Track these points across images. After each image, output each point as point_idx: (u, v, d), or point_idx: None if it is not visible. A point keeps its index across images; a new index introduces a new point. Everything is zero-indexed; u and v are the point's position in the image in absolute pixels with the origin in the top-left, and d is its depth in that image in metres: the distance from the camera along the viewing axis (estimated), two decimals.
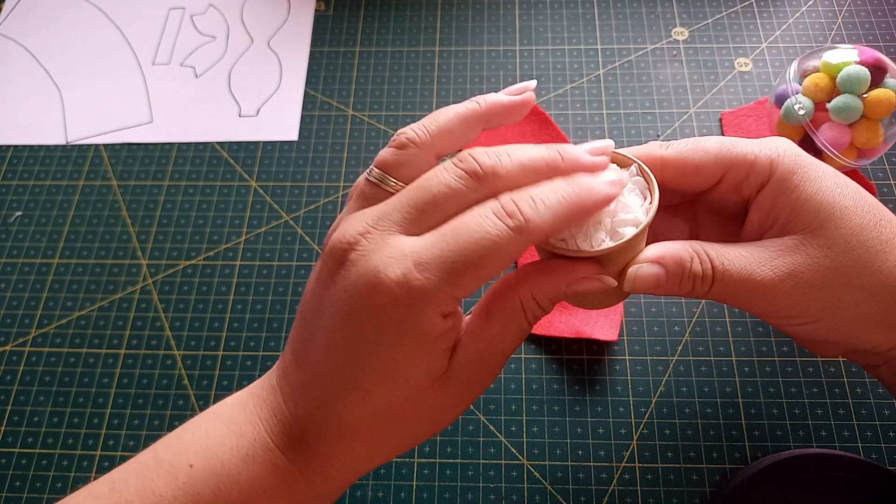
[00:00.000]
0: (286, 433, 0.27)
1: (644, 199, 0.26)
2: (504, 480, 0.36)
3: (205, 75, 0.51)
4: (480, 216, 0.23)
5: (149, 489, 0.26)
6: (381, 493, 0.36)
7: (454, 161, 0.25)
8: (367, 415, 0.25)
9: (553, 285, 0.25)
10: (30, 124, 0.49)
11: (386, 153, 0.27)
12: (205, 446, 0.27)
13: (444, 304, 0.23)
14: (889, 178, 0.44)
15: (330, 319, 0.25)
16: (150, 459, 0.27)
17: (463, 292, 0.24)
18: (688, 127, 0.46)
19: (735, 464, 0.36)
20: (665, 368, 0.39)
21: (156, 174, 0.47)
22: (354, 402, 0.25)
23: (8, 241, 0.45)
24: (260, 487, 0.26)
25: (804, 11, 0.51)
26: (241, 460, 0.26)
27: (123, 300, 0.43)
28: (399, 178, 0.26)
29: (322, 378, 0.26)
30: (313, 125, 0.48)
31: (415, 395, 0.25)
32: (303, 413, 0.26)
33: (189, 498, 0.26)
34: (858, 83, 0.38)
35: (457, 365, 0.26)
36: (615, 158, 0.28)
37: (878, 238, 0.26)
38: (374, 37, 0.51)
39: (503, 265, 0.24)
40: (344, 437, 0.26)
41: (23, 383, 0.40)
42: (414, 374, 0.25)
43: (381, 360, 0.24)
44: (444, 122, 0.28)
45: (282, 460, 0.26)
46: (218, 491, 0.26)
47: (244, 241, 0.44)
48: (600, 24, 0.51)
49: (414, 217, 0.24)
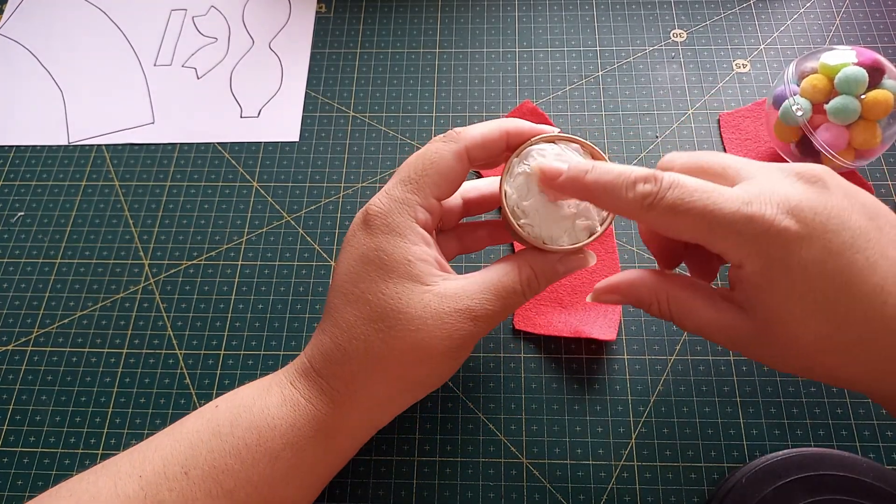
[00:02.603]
0: (298, 371, 0.31)
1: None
2: (503, 479, 0.37)
3: (206, 76, 0.51)
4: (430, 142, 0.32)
5: (177, 430, 0.30)
6: (382, 491, 0.36)
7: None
8: (363, 325, 0.30)
9: (543, 257, 0.32)
10: (32, 125, 0.50)
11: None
12: (232, 394, 0.32)
13: (411, 210, 0.30)
14: (887, 178, 0.44)
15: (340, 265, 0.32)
16: (187, 415, 0.32)
17: (422, 197, 0.31)
18: (686, 128, 0.47)
19: (733, 462, 0.37)
20: (663, 367, 0.39)
21: (158, 174, 0.47)
22: (356, 326, 0.30)
23: (10, 242, 0.45)
24: (270, 415, 0.30)
25: (802, 13, 0.51)
26: (257, 395, 0.31)
27: (125, 300, 0.43)
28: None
29: (331, 314, 0.31)
30: (314, 126, 0.49)
31: (413, 304, 0.30)
32: (316, 352, 0.31)
33: (210, 429, 0.30)
34: (856, 84, 0.38)
35: (450, 292, 0.30)
36: (595, 155, 0.32)
37: (830, 340, 0.27)
38: (374, 38, 0.52)
39: (442, 174, 0.31)
40: (346, 362, 0.30)
41: (25, 382, 0.40)
42: (402, 284, 0.30)
43: (380, 276, 0.30)
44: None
45: (292, 392, 0.31)
46: (234, 420, 0.30)
47: (246, 241, 0.44)
48: (599, 25, 0.51)
49: (403, 176, 0.32)
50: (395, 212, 0.30)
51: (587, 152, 0.32)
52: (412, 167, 0.31)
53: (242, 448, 0.29)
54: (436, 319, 0.29)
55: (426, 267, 0.30)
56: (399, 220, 0.30)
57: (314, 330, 0.33)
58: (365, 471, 0.37)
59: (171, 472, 0.28)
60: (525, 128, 0.32)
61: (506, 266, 0.32)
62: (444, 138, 0.32)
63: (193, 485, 0.28)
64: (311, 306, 0.42)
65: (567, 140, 0.32)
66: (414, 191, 0.31)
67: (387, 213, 0.30)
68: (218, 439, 0.29)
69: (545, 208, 0.31)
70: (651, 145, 0.46)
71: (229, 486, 0.28)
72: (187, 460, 0.28)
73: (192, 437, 0.29)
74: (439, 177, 0.31)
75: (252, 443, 0.29)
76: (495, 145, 0.32)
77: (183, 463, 0.28)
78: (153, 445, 0.29)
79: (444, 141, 0.31)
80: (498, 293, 0.30)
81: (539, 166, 0.31)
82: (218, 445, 0.29)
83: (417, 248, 0.30)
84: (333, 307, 0.31)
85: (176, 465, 0.28)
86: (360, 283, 0.30)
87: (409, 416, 0.38)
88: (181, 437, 0.29)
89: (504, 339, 0.40)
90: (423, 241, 0.31)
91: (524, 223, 0.32)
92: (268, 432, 0.29)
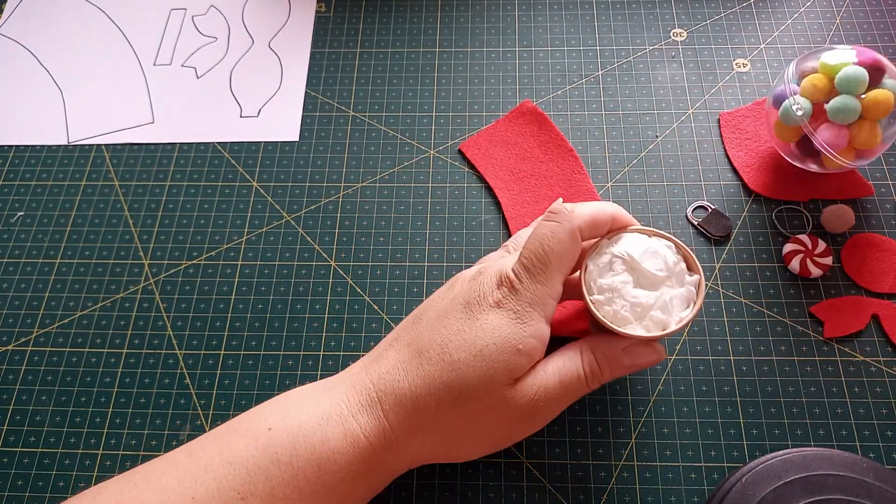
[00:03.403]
0: (363, 403, 0.30)
1: (686, 306, 0.32)
2: (503, 479, 0.37)
3: (206, 76, 0.51)
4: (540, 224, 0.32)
5: (227, 452, 0.29)
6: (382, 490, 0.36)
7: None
8: (445, 390, 0.30)
9: (608, 343, 0.32)
10: (31, 125, 0.50)
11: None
12: (284, 414, 0.30)
13: (542, 304, 0.31)
14: (887, 178, 0.44)
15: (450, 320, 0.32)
16: (226, 430, 0.30)
17: (551, 286, 0.31)
18: (686, 128, 0.47)
19: (733, 462, 0.37)
20: (663, 367, 0.39)
21: (157, 174, 0.47)
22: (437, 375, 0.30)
23: (10, 242, 0.45)
24: (330, 448, 0.29)
25: (802, 12, 0.51)
26: (317, 423, 0.30)
27: (125, 300, 0.43)
28: None
29: (422, 363, 0.31)
30: (314, 126, 0.49)
31: (491, 397, 0.30)
32: (389, 392, 0.30)
33: (267, 456, 0.28)
34: (856, 84, 0.38)
35: (523, 385, 0.30)
36: (687, 257, 0.33)
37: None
38: (374, 38, 0.52)
39: (563, 257, 0.31)
40: (414, 414, 0.30)
41: (25, 383, 0.40)
42: (496, 374, 0.30)
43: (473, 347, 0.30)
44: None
45: (354, 427, 0.30)
46: (293, 449, 0.29)
47: (245, 241, 0.44)
48: (599, 25, 0.51)
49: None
50: (526, 301, 0.30)
51: (680, 253, 0.33)
52: (535, 254, 0.31)
53: (301, 480, 0.28)
54: (505, 411, 0.30)
55: (526, 361, 0.30)
56: (527, 311, 0.30)
57: (383, 351, 0.33)
58: None
59: (226, 496, 0.27)
60: (624, 216, 0.34)
61: (570, 352, 0.32)
62: (557, 217, 0.32)
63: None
64: (311, 306, 0.42)
65: (663, 237, 0.33)
66: (543, 281, 0.31)
67: (518, 300, 0.30)
68: (277, 468, 0.28)
69: (622, 291, 0.31)
70: (651, 145, 0.46)
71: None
72: (243, 486, 0.28)
73: (249, 463, 0.28)
74: (561, 261, 0.31)
75: (312, 476, 0.28)
76: (603, 226, 0.33)
77: (239, 489, 0.28)
78: (201, 466, 0.28)
79: (559, 221, 0.31)
80: (562, 381, 0.31)
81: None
82: (276, 474, 0.28)
83: (532, 341, 0.30)
84: (427, 359, 0.30)
85: (231, 491, 0.28)
86: (463, 353, 0.30)
87: None
88: (235, 461, 0.28)
89: None
90: (541, 336, 0.31)
91: (596, 299, 0.32)
92: (327, 466, 0.29)
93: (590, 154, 0.46)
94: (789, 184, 0.44)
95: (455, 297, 0.32)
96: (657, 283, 0.32)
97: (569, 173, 0.45)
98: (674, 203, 0.44)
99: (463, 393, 0.30)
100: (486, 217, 0.44)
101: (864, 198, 0.44)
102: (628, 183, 0.45)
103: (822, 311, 0.40)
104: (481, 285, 0.31)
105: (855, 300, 0.40)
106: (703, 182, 0.45)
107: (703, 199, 0.44)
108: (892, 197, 0.44)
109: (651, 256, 0.32)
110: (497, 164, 0.46)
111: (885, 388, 0.38)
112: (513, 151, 0.46)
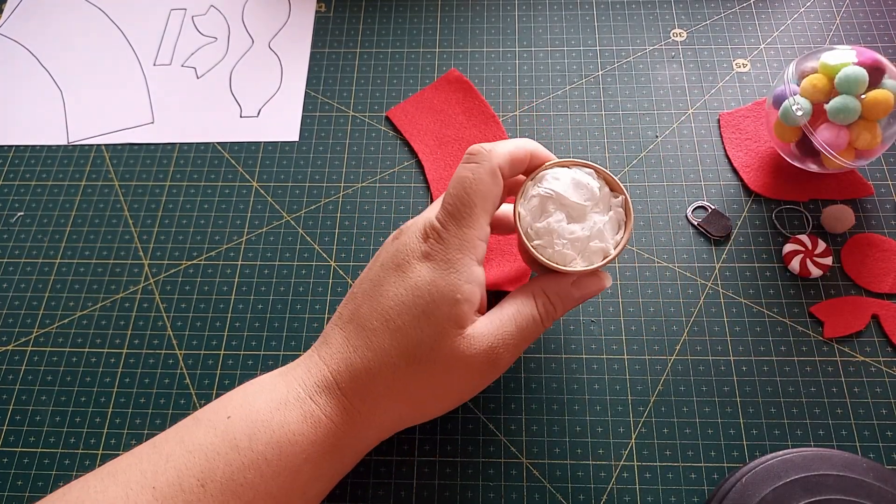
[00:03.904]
0: (319, 384, 0.31)
1: (619, 230, 0.33)
2: (503, 479, 0.37)
3: (206, 76, 0.51)
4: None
5: (187, 441, 0.29)
6: (381, 491, 0.36)
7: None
8: (397, 356, 0.30)
9: (556, 282, 0.33)
10: (31, 125, 0.50)
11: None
12: (242, 402, 0.30)
13: (471, 247, 0.31)
14: (887, 178, 0.44)
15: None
16: (188, 421, 0.31)
17: (478, 228, 0.31)
18: (686, 128, 0.47)
19: (733, 462, 0.37)
20: (663, 368, 0.39)
21: (157, 174, 0.47)
22: (386, 339, 0.30)
23: (10, 242, 0.45)
24: (290, 430, 0.29)
25: (802, 12, 0.51)
26: (274, 408, 0.30)
27: (125, 300, 0.43)
28: None
29: (369, 337, 0.31)
30: (314, 126, 0.49)
31: (444, 353, 0.30)
32: (343, 370, 0.31)
33: (226, 443, 0.29)
34: (856, 84, 0.38)
35: (477, 334, 0.30)
36: (608, 180, 0.33)
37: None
38: (374, 38, 0.52)
39: (486, 197, 0.31)
40: (372, 385, 0.30)
41: (25, 383, 0.40)
42: (443, 328, 0.30)
43: (410, 299, 0.30)
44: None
45: (313, 408, 0.30)
46: (252, 434, 0.29)
47: (245, 241, 0.44)
48: (599, 25, 0.51)
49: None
50: (455, 248, 0.30)
51: (601, 178, 0.33)
52: (457, 198, 0.31)
53: (262, 463, 0.28)
54: (463, 363, 0.30)
55: (468, 308, 0.30)
56: (458, 258, 0.30)
57: (329, 332, 0.32)
58: (365, 471, 0.37)
59: (186, 484, 0.27)
60: (542, 152, 0.33)
61: (522, 296, 0.32)
62: (475, 159, 0.31)
63: (210, 497, 0.27)
64: (311, 306, 0.42)
65: (581, 165, 0.33)
66: (470, 224, 0.31)
67: (446, 248, 0.30)
68: (236, 453, 0.28)
69: (559, 230, 0.31)
70: (651, 145, 0.46)
71: (248, 498, 0.28)
72: (203, 473, 0.28)
73: (208, 450, 0.28)
74: (485, 201, 0.31)
75: (272, 458, 0.29)
76: (522, 163, 0.32)
77: (199, 475, 0.28)
78: (163, 456, 0.29)
79: (478, 162, 0.31)
80: (518, 326, 0.31)
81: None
82: (236, 459, 0.28)
83: (469, 286, 0.30)
84: (371, 329, 0.31)
85: (191, 478, 0.28)
86: (405, 315, 0.30)
87: None
88: (194, 449, 0.29)
89: None
90: (477, 280, 0.31)
91: (537, 244, 0.32)
92: (288, 448, 0.29)
93: (590, 154, 0.46)
94: (789, 184, 0.44)
95: (384, 263, 0.32)
96: (587, 212, 0.32)
97: (490, 137, 0.46)
98: (674, 203, 0.44)
99: (416, 356, 0.30)
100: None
101: (863, 198, 0.44)
102: (628, 183, 0.45)
103: (822, 311, 0.40)
104: (406, 244, 0.31)
105: (855, 300, 0.40)
106: (702, 182, 0.45)
107: (703, 200, 0.44)
108: (892, 197, 0.44)
109: (576, 188, 0.32)
110: (422, 130, 0.47)
111: (885, 388, 0.38)
112: (438, 118, 0.47)
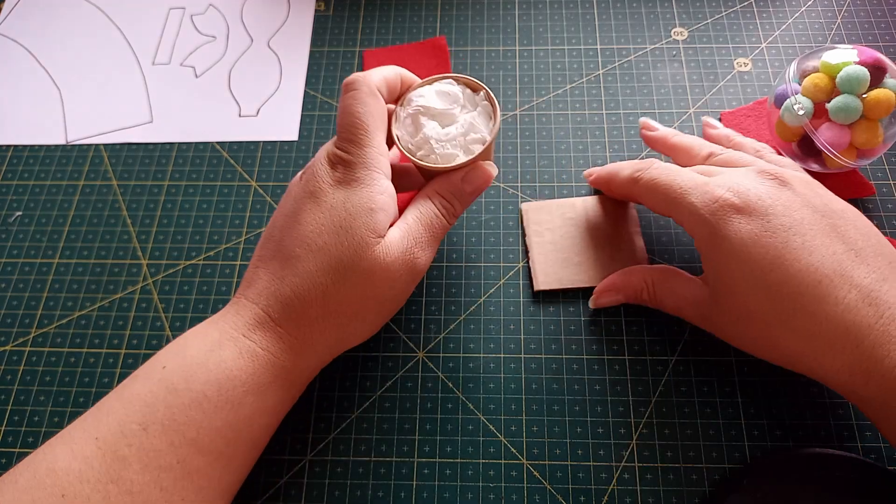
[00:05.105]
0: (250, 323, 0.32)
1: (489, 119, 0.36)
2: (504, 480, 0.37)
3: (205, 75, 0.51)
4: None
5: (126, 394, 0.30)
6: (381, 492, 0.36)
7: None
8: (324, 276, 0.31)
9: (446, 180, 0.35)
10: (30, 124, 0.50)
11: None
12: (175, 352, 0.31)
13: (377, 163, 0.33)
14: (888, 178, 0.44)
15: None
16: (127, 379, 0.31)
17: (378, 145, 0.33)
18: (687, 127, 0.46)
19: (734, 463, 0.36)
20: (664, 368, 0.39)
21: (156, 174, 0.47)
22: (305, 260, 0.32)
23: (8, 241, 0.45)
24: (227, 367, 0.30)
25: (804, 11, 0.51)
26: (208, 350, 0.31)
27: (124, 300, 0.43)
28: None
29: (292, 263, 0.32)
30: (313, 125, 0.48)
31: (367, 261, 0.32)
32: (274, 302, 0.32)
33: (164, 388, 0.29)
34: (858, 83, 0.38)
35: (391, 241, 0.32)
36: (468, 83, 0.36)
37: (769, 311, 0.31)
38: (374, 37, 0.52)
39: (374, 115, 0.33)
40: (304, 311, 0.31)
41: (23, 383, 0.40)
42: (362, 237, 0.31)
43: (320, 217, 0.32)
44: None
45: (248, 344, 0.31)
46: (189, 377, 0.30)
47: (244, 241, 0.44)
48: (600, 24, 0.51)
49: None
50: (361, 167, 0.33)
51: (462, 84, 0.36)
52: (349, 125, 0.33)
53: (202, 400, 0.29)
54: (384, 269, 0.32)
55: (384, 217, 0.33)
56: (367, 175, 0.33)
57: (252, 274, 0.34)
58: (364, 472, 0.37)
59: (127, 430, 0.28)
60: (409, 76, 0.37)
61: (420, 200, 0.35)
62: (353, 86, 0.34)
63: (154, 438, 0.28)
64: None
65: (440, 79, 0.36)
66: (368, 143, 0.33)
67: (353, 169, 0.33)
68: (174, 395, 0.29)
69: (434, 136, 0.34)
70: None
71: (192, 435, 0.29)
72: (144, 417, 0.29)
73: (146, 397, 0.29)
74: (375, 119, 0.34)
75: (212, 395, 0.29)
76: (395, 85, 0.36)
77: (139, 420, 0.28)
78: (103, 411, 0.29)
79: (355, 88, 0.34)
80: (424, 225, 0.34)
81: (643, 120, 0.41)
82: (175, 401, 0.29)
83: (381, 197, 0.33)
84: (295, 257, 0.32)
85: (132, 423, 0.28)
86: (325, 236, 0.32)
87: (409, 416, 0.38)
88: (133, 399, 0.29)
89: (504, 339, 0.40)
90: (388, 191, 0.33)
91: (421, 155, 0.35)
92: (227, 383, 0.30)
93: (590, 153, 0.46)
94: None
95: (297, 196, 0.33)
96: (457, 115, 0.35)
97: None
98: None
99: (341, 268, 0.31)
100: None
101: (865, 197, 0.44)
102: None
103: None
104: (315, 174, 0.33)
105: None
106: None
107: None
108: (894, 196, 0.44)
109: (441, 98, 0.35)
110: None
111: None
112: None
